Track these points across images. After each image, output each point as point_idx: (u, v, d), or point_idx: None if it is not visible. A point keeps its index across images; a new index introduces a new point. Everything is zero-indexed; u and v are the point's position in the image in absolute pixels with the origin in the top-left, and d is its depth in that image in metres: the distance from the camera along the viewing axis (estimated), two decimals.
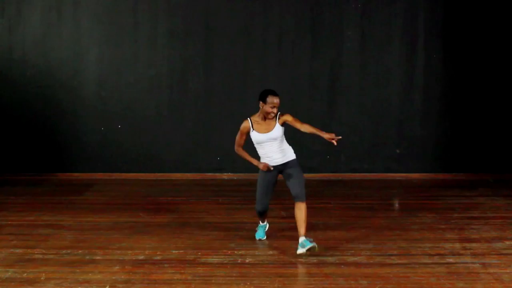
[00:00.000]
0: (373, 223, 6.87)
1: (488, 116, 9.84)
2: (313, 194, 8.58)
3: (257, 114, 5.95)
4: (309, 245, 5.53)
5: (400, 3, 9.76)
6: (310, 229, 6.57)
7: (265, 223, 6.31)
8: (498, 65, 9.78)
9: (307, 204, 5.78)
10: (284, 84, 9.74)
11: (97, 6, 9.70)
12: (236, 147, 6.10)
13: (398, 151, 9.89)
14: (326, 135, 5.87)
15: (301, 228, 5.69)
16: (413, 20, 9.78)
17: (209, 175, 9.79)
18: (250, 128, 5.91)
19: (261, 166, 5.90)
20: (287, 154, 6.00)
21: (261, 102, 5.88)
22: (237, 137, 6.03)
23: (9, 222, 6.89)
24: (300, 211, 5.74)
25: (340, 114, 9.86)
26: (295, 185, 5.84)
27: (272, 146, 5.90)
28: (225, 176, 9.78)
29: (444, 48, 9.80)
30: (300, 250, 5.55)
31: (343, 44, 9.79)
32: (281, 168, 5.95)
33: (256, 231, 6.27)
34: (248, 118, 5.96)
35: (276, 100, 5.84)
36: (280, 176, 6.01)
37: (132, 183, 9.29)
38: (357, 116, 9.85)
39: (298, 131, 6.12)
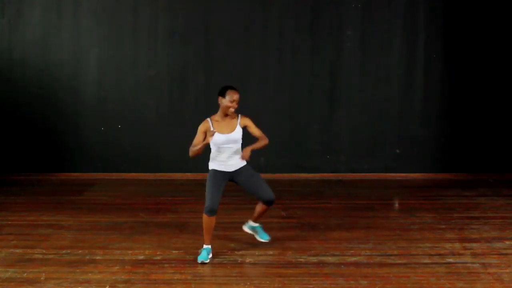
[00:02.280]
0: (373, 223, 6.88)
1: (488, 116, 9.84)
2: (313, 194, 8.61)
3: (217, 113, 5.75)
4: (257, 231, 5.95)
5: (400, 3, 9.76)
6: (310, 229, 6.58)
7: (209, 246, 5.67)
8: (498, 65, 9.78)
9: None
10: (284, 84, 9.75)
11: (97, 6, 9.70)
12: (190, 150, 5.73)
13: (398, 151, 9.89)
14: (253, 146, 5.62)
15: (258, 219, 5.96)
16: (413, 20, 9.78)
17: None
18: (209, 128, 5.68)
19: (208, 140, 5.57)
20: (240, 160, 5.74)
21: (220, 97, 5.71)
22: (195, 138, 5.72)
23: (9, 222, 6.89)
24: (263, 209, 5.83)
25: (340, 114, 9.86)
26: (264, 190, 5.67)
27: (230, 150, 5.71)
28: None
29: (444, 48, 9.80)
30: (245, 228, 5.97)
31: (343, 44, 9.80)
32: (233, 175, 5.78)
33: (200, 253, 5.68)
34: (208, 118, 5.75)
35: (235, 95, 5.68)
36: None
37: (132, 183, 9.29)
38: (357, 116, 9.85)
39: (297, 131, 6.12)
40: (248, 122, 5.80)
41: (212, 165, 5.89)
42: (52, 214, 7.24)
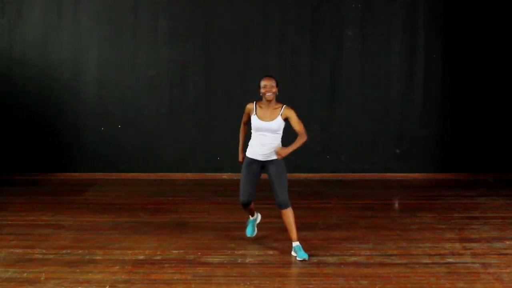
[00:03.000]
0: (373, 223, 6.88)
1: (488, 116, 9.84)
2: (313, 194, 8.61)
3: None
4: (303, 256, 5.51)
5: (400, 3, 9.76)
6: (310, 229, 6.58)
7: (255, 216, 6.21)
8: (498, 65, 9.79)
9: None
10: (284, 84, 9.72)
11: (97, 6, 9.70)
12: (241, 126, 6.12)
13: (398, 151, 9.90)
14: (292, 146, 5.73)
15: (292, 233, 5.66)
16: (413, 20, 9.78)
17: (209, 175, 9.79)
18: (252, 111, 5.89)
19: (240, 159, 5.99)
20: (274, 154, 5.78)
21: (259, 89, 5.94)
22: (244, 115, 6.07)
23: (9, 222, 6.89)
24: (287, 217, 5.66)
25: (340, 114, 9.86)
26: (277, 191, 5.66)
27: (265, 138, 5.77)
28: (225, 176, 9.78)
29: (444, 48, 9.80)
30: (299, 257, 5.54)
31: (343, 44, 9.80)
32: (264, 164, 5.79)
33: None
34: (254, 102, 5.99)
35: (267, 82, 5.87)
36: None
37: (132, 183, 9.29)
38: (357, 116, 9.85)
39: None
40: (290, 114, 5.90)
41: (247, 152, 5.96)
42: (52, 214, 7.23)
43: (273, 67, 9.79)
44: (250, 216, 6.22)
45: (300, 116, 6.61)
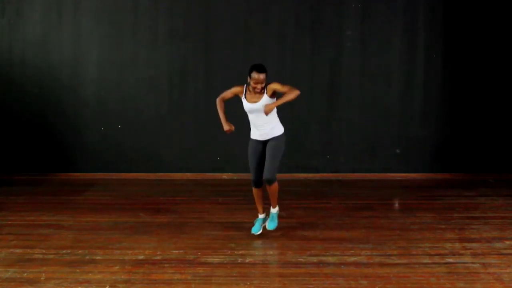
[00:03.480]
0: (373, 223, 6.88)
1: (488, 116, 9.84)
2: (313, 194, 8.61)
3: None
4: (272, 226, 6.23)
5: (400, 3, 9.76)
6: (310, 229, 6.58)
7: (263, 215, 6.40)
8: (498, 65, 9.78)
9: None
10: (284, 84, 9.72)
11: (97, 6, 9.70)
12: (218, 98, 6.28)
13: (398, 151, 9.89)
14: (279, 100, 5.88)
15: (273, 202, 6.26)
16: (413, 20, 9.78)
17: (209, 175, 9.79)
18: (242, 93, 6.09)
19: (225, 128, 6.17)
20: (274, 130, 6.13)
21: (248, 77, 6.01)
22: (226, 91, 6.24)
23: (9, 222, 6.89)
24: (271, 190, 6.13)
25: (340, 114, 9.86)
26: (266, 166, 6.03)
27: (259, 119, 6.05)
28: (225, 176, 9.78)
29: (444, 48, 9.80)
30: (268, 227, 6.24)
31: (343, 44, 9.80)
32: (265, 143, 6.16)
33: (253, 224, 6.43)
34: (245, 85, 6.10)
35: (259, 76, 5.93)
36: None
37: (132, 183, 9.29)
38: (357, 116, 9.85)
39: (297, 131, 6.16)
40: (274, 86, 6.04)
41: (251, 134, 6.31)
42: (52, 214, 7.24)
43: (273, 67, 9.78)
44: (259, 214, 6.39)
45: (300, 116, 6.70)
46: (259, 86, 5.94)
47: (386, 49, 9.81)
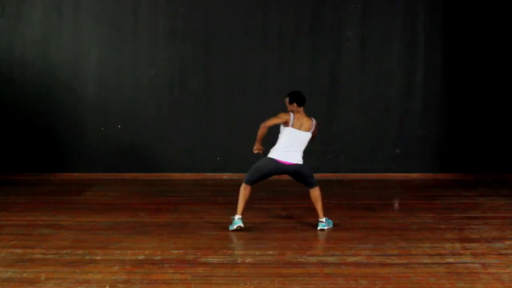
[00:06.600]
0: (373, 223, 6.87)
1: (488, 116, 9.84)
2: None
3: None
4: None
5: (400, 3, 9.77)
6: (310, 229, 6.58)
7: (241, 217, 6.45)
8: (498, 65, 9.79)
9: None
10: (284, 84, 9.72)
11: (97, 6, 9.70)
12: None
13: (398, 151, 9.90)
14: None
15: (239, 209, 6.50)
16: (413, 20, 9.78)
17: (209, 175, 9.79)
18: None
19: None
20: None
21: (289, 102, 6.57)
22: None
23: (9, 222, 6.88)
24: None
25: (340, 114, 9.87)
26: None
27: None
28: (225, 176, 9.78)
29: (444, 48, 9.80)
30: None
31: (343, 44, 9.80)
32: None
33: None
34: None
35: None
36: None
37: (132, 183, 9.28)
38: (357, 116, 9.85)
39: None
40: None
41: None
42: (52, 214, 7.23)
43: (273, 67, 9.80)
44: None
45: None
46: None
47: (386, 49, 9.81)
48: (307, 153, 6.53)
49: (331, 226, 6.53)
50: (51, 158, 9.79)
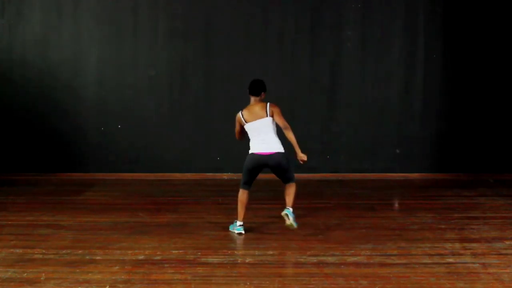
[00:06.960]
0: (373, 223, 6.87)
1: (488, 116, 9.84)
2: (313, 194, 8.61)
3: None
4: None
5: (400, 3, 9.76)
6: (310, 229, 6.58)
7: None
8: (498, 65, 9.79)
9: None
10: (284, 84, 9.74)
11: (97, 6, 9.70)
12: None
13: (398, 151, 9.89)
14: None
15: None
16: (413, 20, 9.78)
17: (209, 175, 9.79)
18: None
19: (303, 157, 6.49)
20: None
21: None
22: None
23: (9, 222, 6.88)
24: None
25: (340, 114, 9.86)
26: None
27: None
28: (225, 176, 9.78)
29: (444, 48, 9.80)
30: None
31: (343, 44, 9.80)
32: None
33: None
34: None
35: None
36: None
37: (132, 183, 9.29)
38: (357, 116, 9.85)
39: (297, 131, 6.16)
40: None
41: None
42: (52, 214, 7.23)
43: (273, 67, 9.79)
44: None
45: (300, 116, 6.70)
46: None
47: (386, 49, 9.81)
48: (306, 152, 6.53)
49: (295, 223, 6.16)
50: (51, 158, 9.79)
